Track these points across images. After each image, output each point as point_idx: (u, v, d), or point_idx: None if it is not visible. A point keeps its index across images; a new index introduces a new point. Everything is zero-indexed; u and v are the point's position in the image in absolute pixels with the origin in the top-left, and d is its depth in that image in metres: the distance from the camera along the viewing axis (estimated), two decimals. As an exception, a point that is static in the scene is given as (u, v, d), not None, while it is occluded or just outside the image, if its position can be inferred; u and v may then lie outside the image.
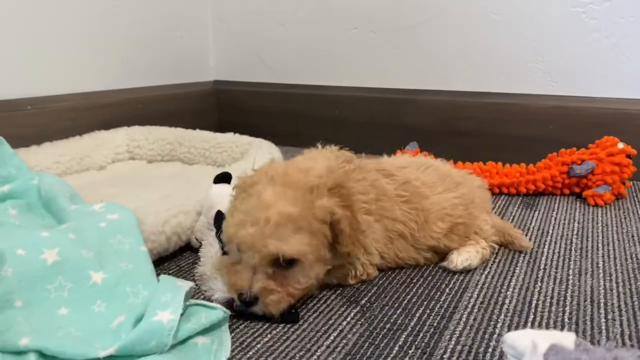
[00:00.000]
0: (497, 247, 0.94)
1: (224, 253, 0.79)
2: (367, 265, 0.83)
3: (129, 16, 1.60)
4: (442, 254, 0.90)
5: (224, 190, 0.89)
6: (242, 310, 0.72)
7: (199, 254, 0.86)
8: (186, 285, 0.68)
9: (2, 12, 1.28)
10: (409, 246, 0.87)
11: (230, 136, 1.43)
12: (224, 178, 0.95)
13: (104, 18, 1.52)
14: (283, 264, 0.71)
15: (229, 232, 0.73)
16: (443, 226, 0.88)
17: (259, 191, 0.73)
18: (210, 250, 0.82)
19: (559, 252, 0.95)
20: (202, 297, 0.78)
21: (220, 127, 1.89)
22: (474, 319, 0.73)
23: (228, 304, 0.72)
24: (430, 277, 0.86)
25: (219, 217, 0.82)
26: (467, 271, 0.87)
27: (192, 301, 0.68)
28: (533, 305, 0.77)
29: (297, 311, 0.74)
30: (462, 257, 0.87)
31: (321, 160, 0.82)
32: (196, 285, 0.80)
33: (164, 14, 1.72)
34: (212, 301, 0.72)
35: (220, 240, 0.80)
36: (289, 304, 0.73)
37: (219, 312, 0.67)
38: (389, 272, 0.87)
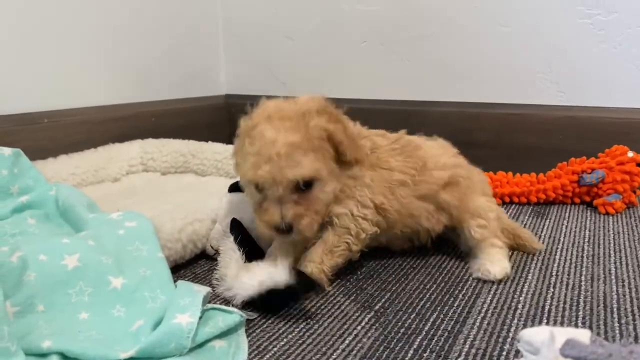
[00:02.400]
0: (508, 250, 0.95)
1: (247, 259, 0.81)
2: (359, 220, 0.85)
3: (143, 32, 1.63)
4: (445, 214, 0.93)
5: (239, 199, 0.91)
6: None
7: (218, 259, 0.87)
8: (203, 290, 0.70)
9: (21, 28, 1.31)
10: (412, 194, 0.89)
11: (242, 148, 1.44)
12: (238, 187, 0.96)
13: (118, 34, 1.56)
14: (303, 188, 0.78)
15: (248, 175, 0.79)
16: (442, 175, 0.91)
17: (261, 131, 0.78)
18: (231, 255, 0.83)
19: (570, 259, 0.96)
20: (219, 301, 0.79)
21: (231, 139, 1.88)
22: (488, 324, 0.73)
23: (259, 298, 0.75)
24: (443, 284, 0.86)
25: (235, 224, 0.84)
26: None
27: (209, 305, 0.69)
28: (546, 310, 0.77)
29: (316, 283, 0.79)
30: (498, 267, 0.87)
31: (306, 95, 0.87)
32: (213, 290, 0.82)
33: (176, 29, 1.75)
34: (233, 305, 0.73)
35: (239, 246, 0.82)
36: (318, 224, 0.81)
37: (236, 316, 0.68)
38: (402, 278, 0.88)
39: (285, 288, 0.74)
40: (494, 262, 0.87)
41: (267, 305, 0.75)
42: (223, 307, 0.70)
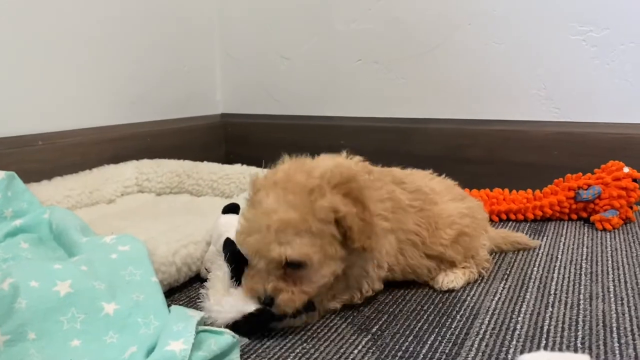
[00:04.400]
0: (489, 267, 0.97)
1: (233, 277, 0.80)
2: (374, 280, 0.83)
3: (138, 52, 1.63)
4: (447, 264, 0.92)
5: (233, 220, 0.90)
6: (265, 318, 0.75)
7: (207, 277, 0.86)
8: (197, 315, 0.69)
9: (14, 51, 1.31)
10: (419, 254, 0.88)
11: (237, 167, 1.44)
12: (232, 209, 0.96)
13: (113, 55, 1.56)
14: (290, 267, 0.73)
15: (238, 240, 0.77)
16: (451, 233, 0.90)
17: (261, 198, 0.75)
18: (218, 274, 0.82)
19: (569, 277, 0.95)
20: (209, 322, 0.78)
21: (227, 159, 1.91)
22: (486, 345, 0.72)
23: (234, 324, 0.74)
24: (440, 304, 0.86)
25: (228, 243, 0.83)
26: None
27: (201, 327, 0.68)
28: (545, 330, 0.76)
29: (313, 302, 0.77)
30: (448, 279, 0.90)
31: (331, 160, 0.82)
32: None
33: (173, 48, 1.76)
34: (219, 326, 0.72)
35: (229, 264, 0.81)
36: (303, 302, 0.75)
37: (228, 338, 0.67)
38: (399, 300, 0.87)
39: (257, 313, 0.74)
40: (447, 274, 0.91)
41: (244, 330, 0.74)
42: (214, 328, 0.69)
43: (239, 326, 0.74)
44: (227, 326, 0.73)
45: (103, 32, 1.52)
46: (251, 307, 0.75)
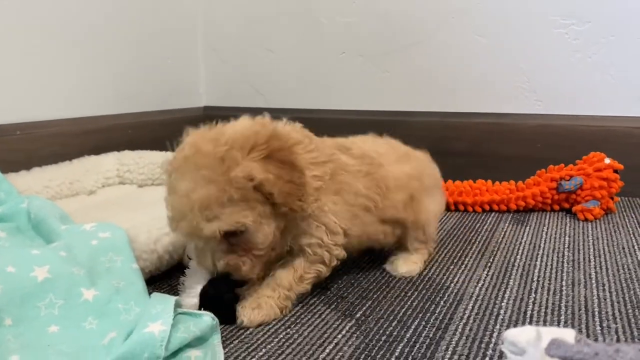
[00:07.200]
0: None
1: None
2: (331, 247, 0.80)
3: (120, 43, 1.61)
4: (400, 228, 0.92)
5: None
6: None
7: (189, 265, 0.85)
8: (174, 298, 0.68)
9: (-8, 39, 1.29)
10: (375, 219, 0.86)
11: (220, 159, 1.42)
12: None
13: (94, 44, 1.53)
14: (230, 237, 0.72)
15: (171, 228, 0.74)
16: (403, 196, 0.89)
17: (176, 182, 0.72)
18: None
19: (551, 265, 0.95)
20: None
21: (210, 152, 1.89)
22: (470, 330, 0.72)
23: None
24: (424, 291, 0.85)
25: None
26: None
27: (179, 310, 0.67)
28: (528, 315, 0.76)
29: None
30: (407, 268, 0.92)
31: (248, 121, 0.77)
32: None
33: (155, 40, 1.73)
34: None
35: None
36: (261, 265, 0.76)
37: (208, 319, 0.66)
38: (383, 286, 0.87)
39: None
40: (407, 262, 0.93)
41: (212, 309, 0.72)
42: (193, 311, 0.68)
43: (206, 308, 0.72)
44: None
45: (85, 23, 1.49)
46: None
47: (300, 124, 0.83)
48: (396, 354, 0.66)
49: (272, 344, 0.69)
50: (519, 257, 1.00)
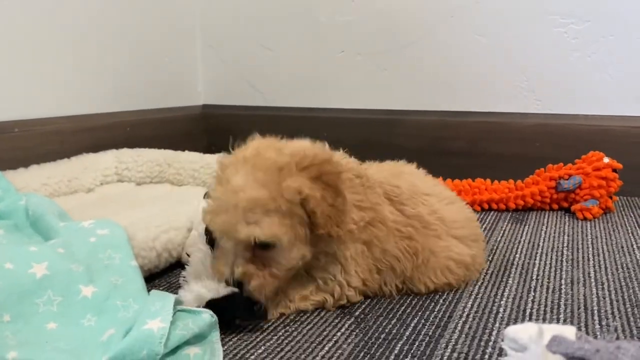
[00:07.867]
0: None
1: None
2: (344, 285, 0.77)
3: (118, 41, 1.61)
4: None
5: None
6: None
7: (188, 262, 0.85)
8: (173, 295, 0.68)
9: (-10, 36, 1.28)
10: (398, 281, 0.82)
11: (219, 156, 1.42)
12: (214, 194, 0.94)
13: (93, 42, 1.53)
14: (259, 248, 0.70)
15: (205, 220, 0.73)
16: (442, 279, 0.83)
17: (229, 175, 0.71)
18: (199, 256, 0.81)
19: (550, 264, 0.95)
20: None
21: (209, 150, 1.87)
22: (469, 328, 0.72)
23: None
24: (423, 289, 0.85)
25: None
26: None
27: (179, 307, 0.67)
28: (527, 313, 0.77)
29: (262, 306, 0.72)
30: None
31: (308, 144, 0.77)
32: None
33: (153, 38, 1.73)
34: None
35: (210, 247, 0.79)
36: (274, 287, 0.73)
37: (207, 316, 0.66)
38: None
39: (222, 299, 0.71)
40: None
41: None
42: (192, 308, 0.68)
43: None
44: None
45: (83, 20, 1.49)
46: (217, 292, 0.71)
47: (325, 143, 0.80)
48: (395, 351, 0.66)
49: (272, 342, 0.69)
50: (517, 255, 1.00)
